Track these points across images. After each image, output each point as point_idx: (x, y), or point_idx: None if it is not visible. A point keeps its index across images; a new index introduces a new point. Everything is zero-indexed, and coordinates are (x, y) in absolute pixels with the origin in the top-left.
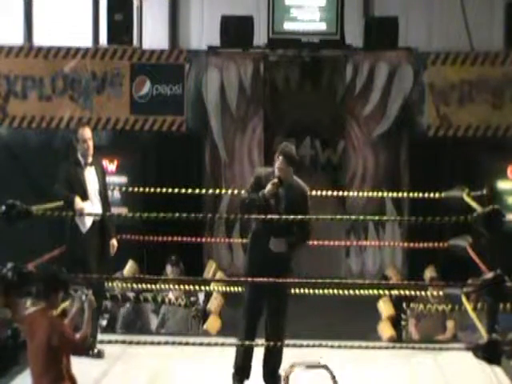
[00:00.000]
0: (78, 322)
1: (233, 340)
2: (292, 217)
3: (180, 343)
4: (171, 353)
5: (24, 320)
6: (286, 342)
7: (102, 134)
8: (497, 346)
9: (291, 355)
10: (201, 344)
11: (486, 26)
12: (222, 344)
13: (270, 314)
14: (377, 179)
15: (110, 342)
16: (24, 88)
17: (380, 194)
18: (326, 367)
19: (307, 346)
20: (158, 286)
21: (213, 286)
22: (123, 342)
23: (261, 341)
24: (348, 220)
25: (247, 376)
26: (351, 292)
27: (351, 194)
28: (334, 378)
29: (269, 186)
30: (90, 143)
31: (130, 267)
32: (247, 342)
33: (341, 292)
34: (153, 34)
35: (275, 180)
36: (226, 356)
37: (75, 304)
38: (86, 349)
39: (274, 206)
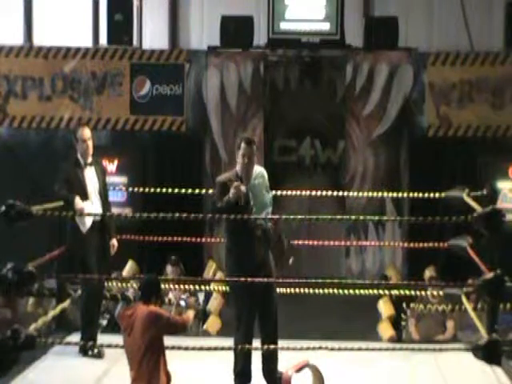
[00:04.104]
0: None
1: (233, 340)
2: (286, 217)
3: (179, 348)
4: (171, 353)
5: (122, 316)
6: (286, 342)
7: (102, 134)
8: (497, 345)
9: (292, 355)
10: (201, 348)
11: (486, 26)
12: (222, 348)
13: (265, 316)
14: (377, 179)
15: (109, 342)
16: (24, 88)
17: (380, 194)
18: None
19: (307, 347)
20: None
21: (213, 286)
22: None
23: (256, 342)
24: (348, 220)
25: (249, 379)
26: (351, 292)
27: (351, 193)
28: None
29: (232, 190)
30: (90, 143)
31: (129, 267)
32: (246, 348)
33: (341, 292)
34: (153, 34)
35: (236, 183)
36: (226, 356)
37: (173, 309)
38: (186, 329)
39: (245, 206)
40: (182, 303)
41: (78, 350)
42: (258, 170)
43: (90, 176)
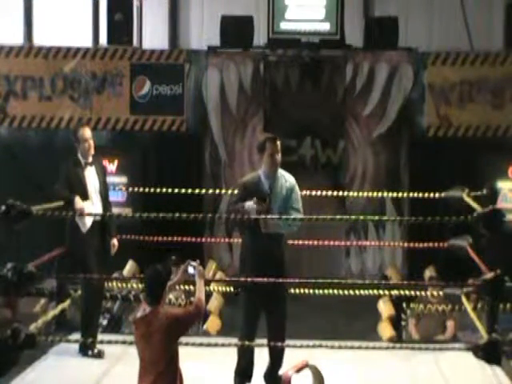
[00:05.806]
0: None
1: (233, 340)
2: (293, 217)
3: (179, 343)
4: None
5: (138, 323)
6: (286, 342)
7: (102, 134)
8: (497, 345)
9: (291, 355)
10: (201, 344)
11: (486, 26)
12: (222, 344)
13: (273, 316)
14: (377, 179)
15: (110, 341)
16: (24, 88)
17: (380, 193)
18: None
19: (307, 346)
20: None
21: (213, 286)
22: (123, 342)
23: (259, 342)
24: (348, 220)
25: (249, 379)
26: (351, 292)
27: (351, 193)
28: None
29: (255, 206)
30: (91, 143)
31: (130, 267)
32: (250, 347)
33: (341, 292)
34: (153, 34)
35: (256, 201)
36: (226, 356)
37: (179, 274)
38: (203, 312)
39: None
40: (191, 270)
41: (78, 350)
42: (287, 175)
43: (91, 176)
